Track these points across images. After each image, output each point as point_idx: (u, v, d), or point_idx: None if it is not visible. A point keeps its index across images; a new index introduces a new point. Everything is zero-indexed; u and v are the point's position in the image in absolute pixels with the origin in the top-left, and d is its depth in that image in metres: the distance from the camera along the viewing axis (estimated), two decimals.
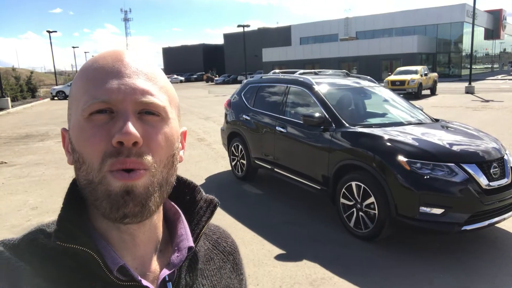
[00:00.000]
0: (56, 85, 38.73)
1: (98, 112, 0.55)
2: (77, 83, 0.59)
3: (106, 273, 0.55)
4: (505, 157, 3.99)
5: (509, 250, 3.82)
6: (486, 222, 3.64)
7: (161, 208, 0.65)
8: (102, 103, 0.55)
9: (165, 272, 0.61)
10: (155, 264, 0.63)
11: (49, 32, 38.45)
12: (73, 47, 60.47)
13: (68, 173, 7.09)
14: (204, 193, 0.73)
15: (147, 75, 0.59)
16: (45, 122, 15.47)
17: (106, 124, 0.55)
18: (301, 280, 3.36)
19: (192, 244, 0.64)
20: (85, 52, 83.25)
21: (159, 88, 0.59)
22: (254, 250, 3.96)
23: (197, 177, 6.61)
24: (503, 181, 3.78)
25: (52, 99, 31.10)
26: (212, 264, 0.72)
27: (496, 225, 4.01)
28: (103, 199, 0.55)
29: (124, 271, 0.56)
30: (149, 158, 0.56)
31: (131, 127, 0.54)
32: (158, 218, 0.65)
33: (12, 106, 23.05)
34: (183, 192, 0.72)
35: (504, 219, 3.79)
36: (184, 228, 0.66)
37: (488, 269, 3.47)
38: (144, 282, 0.58)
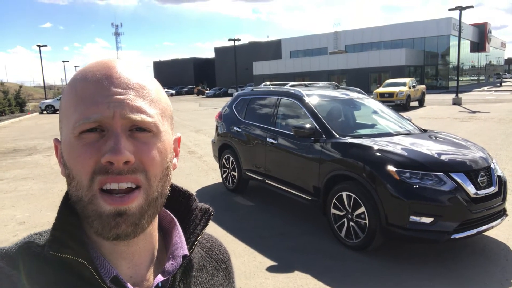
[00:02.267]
0: (45, 99, 38.41)
1: (89, 130, 0.55)
2: (67, 97, 0.58)
3: (100, 282, 0.55)
4: (492, 166, 4.05)
5: (497, 257, 3.85)
6: (475, 230, 3.68)
7: (156, 217, 0.65)
8: (92, 123, 0.54)
9: (159, 278, 0.61)
10: (150, 272, 0.64)
11: (39, 46, 38.30)
12: (63, 61, 60.34)
13: (57, 187, 7.00)
14: (199, 202, 0.74)
15: (138, 90, 0.58)
16: (33, 136, 15.30)
17: (96, 142, 0.55)
18: None
19: (186, 252, 0.65)
20: (75, 66, 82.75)
21: (150, 103, 0.58)
22: (246, 262, 3.94)
23: (188, 189, 6.56)
24: (491, 190, 3.83)
25: (41, 113, 30.82)
26: (205, 271, 0.72)
27: (485, 233, 4.06)
28: (94, 219, 0.55)
29: (117, 281, 0.56)
30: (142, 174, 0.56)
31: (121, 147, 0.53)
32: (153, 228, 0.65)
33: (0, 120, 22.78)
34: (178, 201, 0.73)
35: (492, 227, 3.83)
36: (179, 236, 0.67)
37: (477, 276, 3.49)
38: None
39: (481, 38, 53.75)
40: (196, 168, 8.35)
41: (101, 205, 0.54)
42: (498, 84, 44.21)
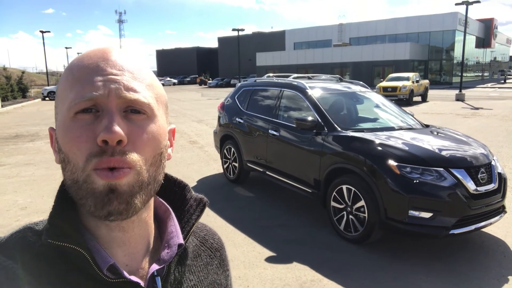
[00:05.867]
0: (48, 85, 38.37)
1: (84, 111, 0.55)
2: (63, 82, 0.59)
3: (96, 271, 0.56)
4: (493, 162, 4.06)
5: (495, 254, 3.88)
6: (473, 226, 3.70)
7: (151, 205, 0.66)
8: (87, 101, 0.54)
9: (154, 267, 0.62)
10: (145, 261, 0.64)
11: (42, 32, 38.11)
12: (66, 48, 60.07)
13: (58, 174, 6.97)
14: (193, 192, 0.74)
15: (133, 73, 0.58)
16: (35, 123, 15.34)
17: (92, 124, 0.55)
18: (291, 282, 3.38)
19: (182, 241, 0.65)
20: (77, 53, 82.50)
21: (145, 86, 0.59)
22: (245, 252, 3.97)
23: (189, 179, 6.61)
24: (490, 186, 3.85)
25: (44, 99, 30.82)
26: (200, 260, 0.73)
27: (483, 229, 4.08)
28: (88, 197, 0.55)
29: (114, 269, 0.57)
30: (134, 156, 0.56)
31: (115, 125, 0.53)
32: (148, 216, 0.65)
33: (2, 106, 22.83)
34: (173, 191, 0.73)
35: (491, 223, 3.85)
36: (174, 225, 0.67)
37: (474, 272, 3.52)
38: (134, 278, 0.58)
39: (486, 34, 53.24)
40: (198, 158, 8.38)
41: (95, 181, 0.54)
42: (502, 81, 43.90)
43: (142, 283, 0.60)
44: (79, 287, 0.56)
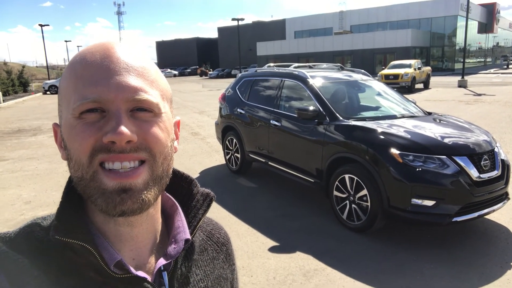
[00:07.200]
0: (49, 79, 38.32)
1: (89, 111, 0.54)
2: (66, 79, 0.58)
3: (104, 267, 0.56)
4: (496, 149, 4.04)
5: (498, 241, 3.88)
6: (476, 214, 3.69)
7: (159, 200, 0.65)
8: (93, 103, 0.54)
9: (161, 262, 0.62)
10: (152, 255, 0.64)
11: (41, 25, 37.94)
12: (66, 41, 59.73)
13: (62, 168, 7.06)
14: (200, 187, 0.74)
15: (138, 70, 0.57)
16: (37, 117, 15.35)
17: (97, 122, 0.54)
18: (294, 272, 3.40)
19: (189, 236, 0.65)
20: (77, 46, 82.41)
21: (151, 83, 0.58)
22: (248, 242, 3.99)
23: (191, 170, 6.62)
24: (493, 173, 3.83)
25: (45, 93, 30.82)
26: (206, 254, 0.73)
27: (486, 216, 4.08)
28: (98, 196, 0.55)
29: (121, 265, 0.57)
30: (146, 152, 0.56)
31: (123, 127, 0.53)
32: (155, 210, 0.65)
33: (3, 100, 22.84)
34: (179, 186, 0.73)
35: (494, 210, 3.85)
36: (181, 220, 0.67)
37: (477, 259, 3.53)
38: (140, 274, 0.59)
39: (489, 19, 52.62)
40: (200, 149, 8.38)
41: (103, 181, 0.54)
42: (505, 66, 43.54)
43: (149, 278, 0.60)
44: (87, 282, 0.56)
